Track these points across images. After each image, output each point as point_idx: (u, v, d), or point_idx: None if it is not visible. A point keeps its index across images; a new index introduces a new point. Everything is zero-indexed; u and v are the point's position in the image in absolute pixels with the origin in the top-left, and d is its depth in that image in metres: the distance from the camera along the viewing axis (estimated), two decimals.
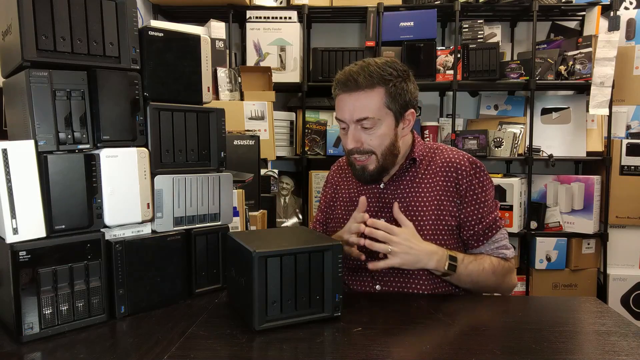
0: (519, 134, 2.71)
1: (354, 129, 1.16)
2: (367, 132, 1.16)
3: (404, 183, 1.23)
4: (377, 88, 1.14)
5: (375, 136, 1.16)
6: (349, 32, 2.99)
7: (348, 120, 1.16)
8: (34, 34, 0.85)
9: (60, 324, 0.89)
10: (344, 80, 1.16)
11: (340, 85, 1.17)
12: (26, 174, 0.86)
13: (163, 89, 1.05)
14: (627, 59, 2.66)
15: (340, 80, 1.17)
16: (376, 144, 1.16)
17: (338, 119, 1.20)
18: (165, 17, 2.74)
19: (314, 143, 2.72)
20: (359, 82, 1.13)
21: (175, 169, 1.07)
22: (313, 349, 0.82)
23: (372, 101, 1.14)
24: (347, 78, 1.15)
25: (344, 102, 1.17)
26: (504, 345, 0.84)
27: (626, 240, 2.64)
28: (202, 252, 1.12)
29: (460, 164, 1.21)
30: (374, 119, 1.14)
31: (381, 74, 1.14)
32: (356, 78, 1.13)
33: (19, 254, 0.84)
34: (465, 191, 1.20)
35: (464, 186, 1.20)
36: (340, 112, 1.18)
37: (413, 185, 1.22)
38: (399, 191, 1.23)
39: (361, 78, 1.13)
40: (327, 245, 0.93)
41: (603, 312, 1.01)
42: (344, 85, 1.16)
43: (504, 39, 2.89)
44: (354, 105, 1.15)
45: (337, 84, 1.18)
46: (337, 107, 1.20)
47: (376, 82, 1.13)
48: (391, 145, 1.18)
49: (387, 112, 1.15)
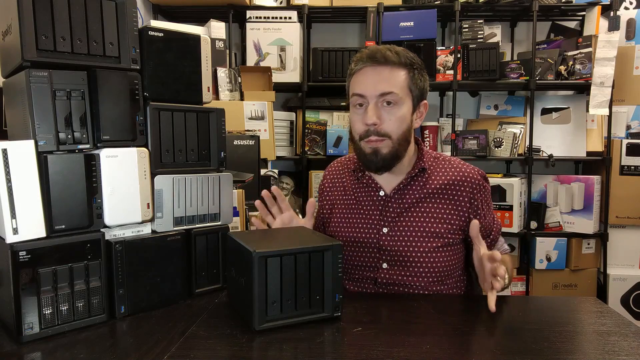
0: (519, 134, 2.71)
1: (374, 104, 1.11)
2: (387, 110, 1.12)
3: (410, 192, 1.20)
4: (402, 68, 1.13)
5: (395, 116, 1.12)
6: (349, 32, 2.99)
7: (370, 94, 1.11)
8: (34, 34, 0.85)
9: (60, 324, 0.89)
10: (371, 53, 1.12)
11: (366, 58, 1.13)
12: (26, 174, 0.86)
13: (163, 89, 1.05)
14: (627, 59, 2.66)
15: (367, 54, 1.13)
16: (394, 127, 1.12)
17: (356, 94, 1.14)
18: (165, 17, 2.74)
19: (314, 143, 2.72)
20: (388, 57, 1.11)
21: (175, 169, 1.07)
22: (313, 349, 0.82)
23: (399, 78, 1.12)
24: (373, 52, 1.12)
25: (367, 75, 1.13)
26: (504, 345, 0.84)
27: (626, 240, 2.64)
28: (202, 252, 1.12)
29: (474, 179, 1.20)
30: (398, 96, 1.11)
31: (406, 55, 1.14)
32: (384, 52, 1.11)
33: (19, 254, 0.84)
34: (478, 206, 1.20)
35: (478, 200, 1.19)
36: (362, 86, 1.13)
37: (421, 196, 1.19)
38: (404, 200, 1.20)
39: (389, 54, 1.11)
40: (327, 245, 0.93)
41: (603, 312, 1.01)
42: (370, 59, 1.12)
43: (504, 39, 2.89)
44: (379, 78, 1.11)
45: (359, 59, 1.14)
46: (355, 82, 1.15)
47: (403, 61, 1.12)
48: (407, 131, 1.15)
49: (408, 94, 1.14)
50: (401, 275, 1.17)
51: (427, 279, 1.17)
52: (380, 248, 1.19)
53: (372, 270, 1.20)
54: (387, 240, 1.19)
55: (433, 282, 1.17)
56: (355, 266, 1.23)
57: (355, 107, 1.16)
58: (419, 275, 1.17)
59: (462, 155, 2.62)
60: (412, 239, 1.17)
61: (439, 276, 1.17)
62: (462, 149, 2.67)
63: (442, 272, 1.17)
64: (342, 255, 0.94)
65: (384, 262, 1.19)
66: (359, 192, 1.26)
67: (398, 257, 1.18)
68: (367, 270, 1.21)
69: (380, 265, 1.19)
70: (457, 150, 2.67)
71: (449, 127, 2.72)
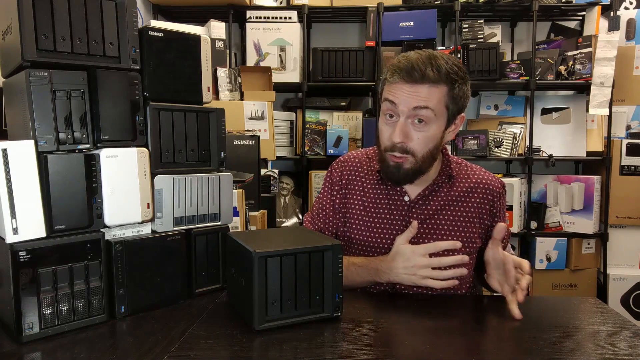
0: (519, 134, 2.71)
1: (404, 120, 1.05)
2: (417, 128, 1.06)
3: (436, 198, 1.16)
4: (442, 85, 1.04)
5: (424, 136, 1.06)
6: (349, 32, 2.99)
7: (403, 108, 1.04)
8: (34, 34, 0.85)
9: (60, 324, 0.89)
10: (409, 68, 1.03)
11: (403, 74, 1.04)
12: (26, 174, 0.86)
13: (163, 89, 1.05)
14: (627, 59, 2.66)
15: (404, 68, 1.04)
16: (420, 147, 1.07)
17: (389, 101, 1.07)
18: (165, 17, 2.74)
19: (314, 143, 2.72)
20: (426, 74, 1.02)
21: (175, 169, 1.07)
22: (313, 349, 0.82)
23: (437, 95, 1.04)
24: (412, 66, 1.03)
25: (402, 89, 1.05)
26: (504, 345, 0.84)
27: (626, 240, 2.64)
28: (202, 252, 1.12)
29: (495, 187, 1.20)
30: (432, 113, 1.04)
31: (449, 71, 1.04)
32: (423, 69, 1.02)
33: (19, 254, 0.84)
34: (497, 214, 1.20)
35: (497, 208, 1.19)
36: (395, 97, 1.05)
37: (447, 204, 1.16)
38: (429, 206, 1.16)
39: (429, 70, 1.02)
40: (327, 245, 0.93)
41: (603, 312, 1.01)
42: (407, 75, 1.03)
43: (504, 39, 2.89)
44: (415, 95, 1.03)
45: (397, 70, 1.05)
46: (389, 90, 1.08)
47: (443, 78, 1.03)
48: (434, 149, 1.09)
49: (443, 112, 1.06)
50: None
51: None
52: None
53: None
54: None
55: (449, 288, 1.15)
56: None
57: (386, 116, 1.10)
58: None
59: (462, 155, 2.62)
60: None
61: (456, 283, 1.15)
62: (462, 149, 2.66)
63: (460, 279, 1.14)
64: (342, 256, 0.94)
65: None
66: (380, 195, 1.20)
67: None
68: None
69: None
70: (457, 150, 2.67)
71: None
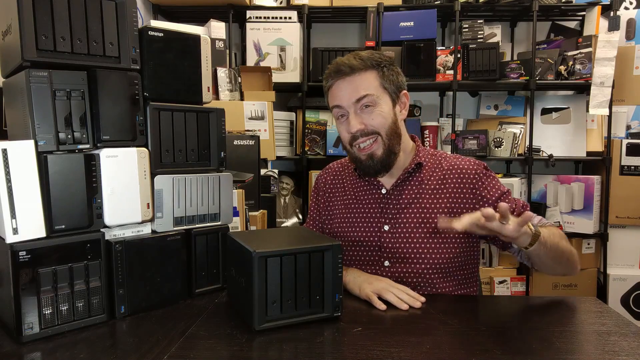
0: (519, 134, 2.71)
1: (354, 112, 1.16)
2: (368, 112, 1.15)
3: (409, 188, 1.22)
4: (370, 70, 1.16)
5: (377, 115, 1.15)
6: (349, 32, 2.99)
7: (347, 103, 1.16)
8: (34, 34, 0.85)
9: (60, 324, 0.89)
10: (336, 68, 1.16)
11: (334, 74, 1.17)
12: (26, 174, 0.86)
13: (163, 89, 1.05)
14: (627, 59, 2.66)
15: (333, 69, 1.17)
16: (379, 123, 1.15)
17: (335, 106, 1.19)
18: (165, 17, 2.74)
19: (314, 143, 2.72)
20: (353, 65, 1.14)
21: (175, 169, 1.07)
22: (313, 349, 0.82)
23: (369, 80, 1.15)
24: (339, 65, 1.16)
25: (340, 87, 1.17)
26: (504, 345, 0.84)
27: (626, 240, 2.64)
28: (202, 252, 1.12)
29: (472, 169, 1.20)
30: (374, 96, 1.14)
31: (371, 58, 1.16)
32: (348, 63, 1.15)
33: (19, 254, 0.84)
34: (484, 193, 1.18)
35: (481, 188, 1.19)
36: (337, 99, 1.17)
37: (420, 191, 1.21)
38: (403, 196, 1.21)
39: (354, 61, 1.15)
40: (327, 245, 0.93)
41: (603, 312, 1.01)
42: (337, 72, 1.16)
43: (504, 39, 2.89)
44: (351, 87, 1.15)
45: (329, 75, 1.19)
46: (332, 96, 1.20)
47: (369, 64, 1.15)
48: (393, 124, 1.17)
49: (383, 91, 1.16)
50: (403, 273, 1.18)
51: (429, 275, 1.17)
52: (382, 246, 1.20)
53: (374, 268, 1.20)
54: (388, 237, 1.19)
55: (436, 278, 1.17)
56: (357, 265, 1.23)
57: (339, 119, 1.20)
58: (421, 271, 1.17)
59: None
60: (412, 235, 1.18)
61: (441, 272, 1.17)
62: (462, 149, 2.67)
63: (444, 267, 1.17)
64: (342, 255, 0.94)
65: (386, 259, 1.20)
66: (359, 191, 1.27)
67: (399, 254, 1.18)
68: (370, 269, 1.21)
69: (382, 263, 1.20)
70: (457, 150, 2.67)
71: (449, 127, 2.72)
